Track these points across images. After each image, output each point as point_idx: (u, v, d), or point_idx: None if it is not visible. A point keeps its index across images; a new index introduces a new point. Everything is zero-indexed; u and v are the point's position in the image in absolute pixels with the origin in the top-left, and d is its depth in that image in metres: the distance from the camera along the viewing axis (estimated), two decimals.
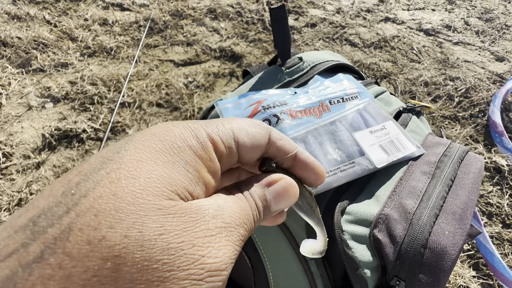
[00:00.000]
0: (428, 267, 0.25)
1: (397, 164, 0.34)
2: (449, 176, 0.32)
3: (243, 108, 0.34)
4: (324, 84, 0.39)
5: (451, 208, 0.29)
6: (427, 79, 1.06)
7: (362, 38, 1.22)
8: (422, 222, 0.27)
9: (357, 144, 0.33)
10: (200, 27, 1.24)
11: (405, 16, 1.35)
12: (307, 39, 1.21)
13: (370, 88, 0.43)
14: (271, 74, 0.40)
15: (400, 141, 0.35)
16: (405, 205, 0.29)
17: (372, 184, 0.32)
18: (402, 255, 0.26)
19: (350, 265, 0.26)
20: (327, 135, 0.33)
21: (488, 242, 0.71)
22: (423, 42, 1.22)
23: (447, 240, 0.26)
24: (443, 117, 0.98)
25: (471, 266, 0.71)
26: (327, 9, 1.36)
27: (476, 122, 0.96)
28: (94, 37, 1.16)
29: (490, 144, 0.91)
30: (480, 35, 1.27)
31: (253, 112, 0.34)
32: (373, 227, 0.28)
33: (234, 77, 1.06)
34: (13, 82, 0.99)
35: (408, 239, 0.26)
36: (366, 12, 1.36)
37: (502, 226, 0.77)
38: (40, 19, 1.22)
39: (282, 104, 0.35)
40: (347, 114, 0.36)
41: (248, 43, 1.18)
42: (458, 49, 1.20)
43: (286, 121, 0.33)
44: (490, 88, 1.04)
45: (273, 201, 0.16)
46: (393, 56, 1.15)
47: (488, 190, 0.81)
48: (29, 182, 0.77)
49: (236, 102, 0.35)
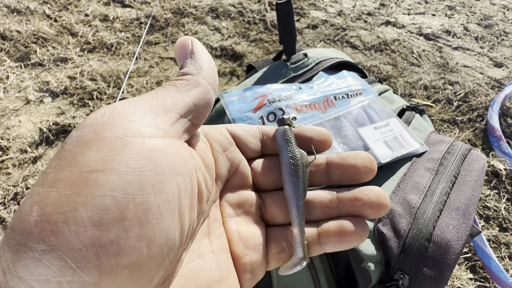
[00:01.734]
0: (433, 261, 0.25)
1: (401, 161, 0.34)
2: (452, 173, 0.32)
3: (248, 101, 0.34)
4: (328, 80, 0.39)
5: (455, 203, 0.29)
6: (426, 83, 1.07)
7: (362, 41, 1.23)
8: (426, 216, 0.27)
9: (362, 139, 0.33)
10: (201, 26, 1.24)
11: (405, 20, 1.36)
12: (308, 40, 1.21)
13: (374, 86, 0.43)
14: (276, 69, 0.40)
15: (404, 137, 0.35)
16: (409, 200, 0.29)
17: (376, 180, 0.32)
18: (406, 248, 0.26)
19: (354, 258, 0.26)
20: (332, 129, 0.33)
21: (485, 245, 0.71)
22: (423, 46, 1.23)
23: (452, 234, 0.26)
24: (442, 120, 0.99)
25: (468, 269, 0.71)
26: (328, 11, 1.37)
27: (475, 126, 0.97)
28: (95, 32, 1.15)
29: (488, 148, 0.92)
30: (479, 41, 1.28)
31: (258, 105, 0.34)
32: (377, 221, 0.28)
33: (235, 76, 1.06)
34: (11, 75, 0.98)
35: (413, 233, 0.26)
36: (367, 15, 1.37)
37: (499, 230, 0.77)
38: (40, 14, 1.22)
39: (288, 98, 0.35)
40: (351, 109, 0.36)
41: (249, 42, 1.18)
42: (457, 54, 1.21)
43: (292, 115, 0.33)
44: (489, 93, 1.05)
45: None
46: (393, 59, 1.16)
47: (485, 194, 0.82)
48: (26, 176, 0.76)
49: (241, 95, 0.35)
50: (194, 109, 0.16)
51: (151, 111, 0.14)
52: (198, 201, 0.15)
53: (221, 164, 0.18)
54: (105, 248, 0.11)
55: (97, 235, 0.11)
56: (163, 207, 0.12)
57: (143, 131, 0.13)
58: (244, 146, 0.19)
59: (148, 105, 0.14)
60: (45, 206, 0.11)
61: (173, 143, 0.14)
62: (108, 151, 0.12)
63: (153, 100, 0.15)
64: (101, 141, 0.12)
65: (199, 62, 0.17)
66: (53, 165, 0.12)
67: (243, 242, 0.17)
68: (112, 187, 0.11)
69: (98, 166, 0.12)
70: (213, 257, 0.15)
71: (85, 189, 0.11)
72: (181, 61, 0.17)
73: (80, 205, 0.11)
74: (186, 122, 0.15)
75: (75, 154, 0.12)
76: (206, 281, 0.14)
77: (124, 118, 0.13)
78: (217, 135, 0.18)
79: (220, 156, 0.18)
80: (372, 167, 0.18)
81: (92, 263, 0.11)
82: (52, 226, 0.10)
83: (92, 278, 0.11)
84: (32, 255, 0.10)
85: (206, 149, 0.17)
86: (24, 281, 0.10)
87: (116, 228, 0.11)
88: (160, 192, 0.12)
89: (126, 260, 0.11)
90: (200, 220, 0.16)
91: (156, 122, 0.14)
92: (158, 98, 0.15)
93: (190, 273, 0.14)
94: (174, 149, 0.14)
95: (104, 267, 0.11)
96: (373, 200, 0.16)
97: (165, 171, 0.13)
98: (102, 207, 0.11)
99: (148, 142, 0.13)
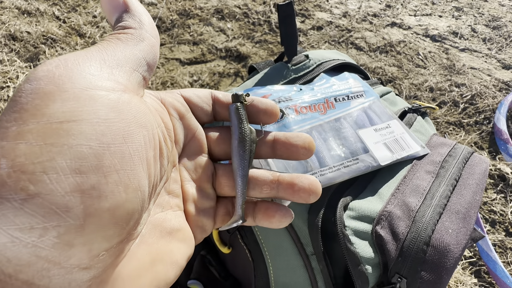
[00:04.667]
0: (431, 265, 0.25)
1: (401, 163, 0.34)
2: (453, 176, 0.31)
3: None
4: (329, 82, 0.39)
5: (455, 207, 0.28)
6: (432, 85, 1.06)
7: (368, 42, 1.22)
8: (425, 220, 0.27)
9: (361, 141, 0.33)
10: (206, 27, 1.25)
11: (411, 22, 1.35)
12: (313, 42, 1.21)
13: (376, 88, 0.43)
14: (277, 70, 0.41)
15: (404, 140, 0.35)
16: (408, 203, 0.29)
17: (376, 182, 0.32)
18: (404, 252, 0.26)
19: (352, 260, 0.26)
20: (332, 131, 0.33)
21: (490, 250, 0.70)
22: (429, 47, 1.22)
23: (451, 238, 0.26)
24: (447, 123, 0.97)
25: (473, 273, 0.70)
26: (333, 13, 1.37)
27: (481, 129, 0.95)
28: (102, 34, 1.17)
29: (495, 151, 0.90)
30: (487, 42, 1.26)
31: None
32: (376, 224, 0.28)
33: (239, 77, 1.06)
34: (21, 75, 1.00)
35: (411, 236, 0.26)
36: (373, 16, 1.36)
37: (505, 235, 0.76)
38: (49, 15, 1.24)
39: (288, 99, 0.35)
40: (352, 111, 0.36)
41: (254, 44, 1.18)
42: (464, 55, 1.20)
43: (291, 116, 0.33)
44: (496, 96, 1.03)
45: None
46: (399, 61, 1.15)
47: (491, 198, 0.81)
48: None
49: None
50: (144, 63, 0.16)
51: (106, 64, 0.14)
52: (160, 155, 0.16)
53: (179, 130, 0.19)
54: (88, 193, 0.11)
55: (79, 181, 0.11)
56: (134, 156, 0.13)
57: (104, 84, 0.14)
58: (198, 111, 0.20)
59: (101, 58, 0.14)
60: (16, 158, 0.11)
61: (134, 97, 0.15)
62: (75, 102, 0.12)
63: (104, 54, 0.15)
64: (65, 93, 0.12)
65: (138, 16, 0.17)
66: (11, 118, 0.12)
67: (196, 204, 0.19)
68: (88, 137, 0.12)
69: (68, 117, 0.12)
70: (172, 212, 0.17)
71: (59, 139, 0.11)
72: (113, 14, 0.17)
73: (57, 155, 0.11)
74: (139, 76, 0.16)
75: (38, 106, 0.12)
76: (169, 229, 0.16)
77: (82, 70, 0.13)
78: (173, 101, 0.19)
79: (177, 122, 0.19)
80: (310, 148, 0.20)
81: (77, 207, 0.11)
82: (30, 176, 0.11)
83: (77, 221, 0.11)
84: (11, 205, 0.10)
85: (163, 111, 0.18)
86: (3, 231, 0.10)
87: (96, 175, 0.12)
88: (130, 142, 0.13)
89: (107, 203, 0.12)
90: (162, 177, 0.17)
91: (113, 76, 0.14)
92: (108, 51, 0.15)
93: (156, 222, 0.16)
94: (136, 103, 0.15)
95: (88, 210, 0.11)
96: (305, 187, 0.19)
97: (131, 123, 0.14)
98: (80, 156, 0.12)
99: (112, 95, 0.13)
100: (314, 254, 0.28)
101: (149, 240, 0.15)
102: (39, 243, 0.11)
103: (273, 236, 0.30)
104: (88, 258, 0.12)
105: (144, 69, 0.16)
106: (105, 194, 0.12)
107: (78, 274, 0.12)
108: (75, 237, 0.11)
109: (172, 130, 0.18)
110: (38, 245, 0.11)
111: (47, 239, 0.11)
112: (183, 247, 0.17)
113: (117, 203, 0.12)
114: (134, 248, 0.14)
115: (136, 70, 0.16)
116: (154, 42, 0.17)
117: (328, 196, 0.29)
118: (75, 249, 0.11)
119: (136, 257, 0.14)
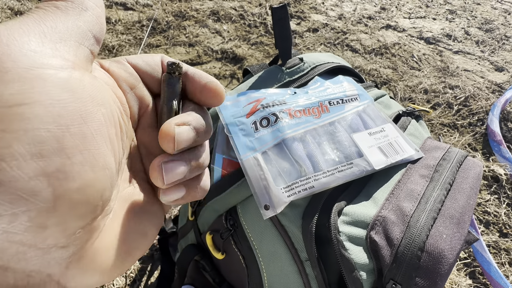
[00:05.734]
0: (425, 271, 0.25)
1: (396, 167, 0.33)
2: (447, 180, 0.31)
3: (241, 106, 0.34)
4: (324, 85, 0.39)
5: (449, 212, 0.28)
6: (426, 87, 1.07)
7: (363, 44, 1.23)
8: (419, 225, 0.27)
9: (356, 145, 0.33)
10: (202, 29, 1.24)
11: (406, 24, 1.36)
12: (309, 44, 1.21)
13: (370, 91, 0.43)
14: (272, 73, 0.40)
15: (399, 143, 0.35)
16: (402, 208, 0.29)
17: (370, 186, 0.32)
18: (398, 258, 0.26)
19: (346, 267, 0.26)
20: (326, 135, 0.33)
21: (485, 251, 0.70)
22: (423, 50, 1.23)
23: (445, 243, 0.25)
24: (441, 124, 0.98)
25: (468, 275, 0.70)
26: (329, 15, 1.37)
27: (475, 131, 0.96)
28: None
29: (488, 152, 0.91)
30: (480, 45, 1.28)
31: (251, 110, 0.33)
32: (370, 229, 0.28)
33: (235, 79, 1.06)
34: None
35: (405, 241, 0.26)
36: (368, 19, 1.37)
37: (499, 235, 0.76)
38: None
39: (282, 103, 0.35)
40: (346, 115, 0.36)
41: (250, 45, 1.18)
42: (458, 58, 1.21)
43: (285, 120, 0.33)
44: (489, 97, 1.04)
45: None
46: (394, 63, 1.16)
47: (485, 199, 0.81)
48: None
49: (235, 100, 0.35)
50: (91, 36, 0.15)
51: (47, 39, 0.13)
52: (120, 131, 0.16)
53: (132, 102, 0.18)
54: (54, 175, 0.11)
55: (42, 165, 0.11)
56: (96, 135, 0.13)
57: (51, 62, 0.12)
58: (149, 81, 0.19)
59: (40, 31, 0.13)
60: None
61: (85, 74, 0.14)
62: (22, 84, 0.11)
63: (42, 26, 0.13)
64: (8, 74, 0.11)
65: None
66: None
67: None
68: (43, 120, 0.11)
69: (18, 101, 0.11)
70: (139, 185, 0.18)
71: (12, 125, 0.11)
72: None
73: (13, 141, 0.11)
74: (86, 50, 0.15)
75: None
76: (138, 202, 0.17)
77: (22, 47, 0.12)
78: (121, 71, 0.18)
79: (128, 94, 0.18)
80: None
81: (44, 190, 0.11)
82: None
83: (48, 203, 0.11)
84: None
85: (114, 85, 0.17)
86: None
87: (59, 157, 0.11)
88: (90, 121, 0.13)
89: (75, 183, 0.12)
90: (124, 153, 0.17)
91: (59, 52, 0.13)
92: (47, 23, 0.13)
93: (126, 197, 0.17)
94: (88, 80, 0.14)
95: (57, 192, 0.11)
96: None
97: (88, 102, 0.13)
98: (39, 140, 0.11)
99: (62, 74, 0.12)
100: (308, 260, 0.28)
101: (121, 214, 0.16)
102: (10, 229, 0.11)
103: (267, 242, 0.30)
104: (64, 237, 0.12)
105: (91, 42, 0.15)
106: (72, 175, 0.12)
107: (57, 253, 0.12)
108: (48, 218, 0.11)
109: (126, 104, 0.17)
110: (9, 230, 0.11)
111: (18, 224, 0.11)
112: (152, 218, 0.17)
113: (86, 182, 0.12)
114: (108, 223, 0.15)
115: (82, 44, 0.14)
116: (100, 13, 0.16)
117: (322, 201, 0.29)
118: (50, 230, 0.11)
119: (111, 231, 0.15)
